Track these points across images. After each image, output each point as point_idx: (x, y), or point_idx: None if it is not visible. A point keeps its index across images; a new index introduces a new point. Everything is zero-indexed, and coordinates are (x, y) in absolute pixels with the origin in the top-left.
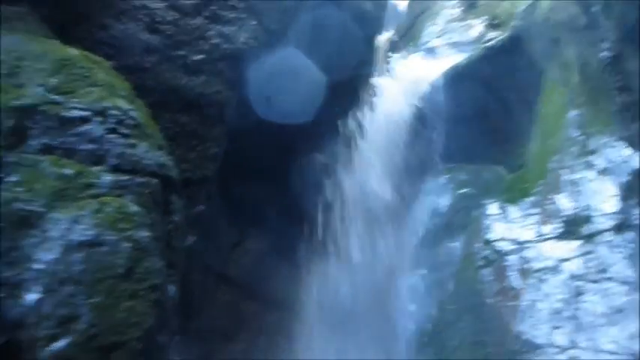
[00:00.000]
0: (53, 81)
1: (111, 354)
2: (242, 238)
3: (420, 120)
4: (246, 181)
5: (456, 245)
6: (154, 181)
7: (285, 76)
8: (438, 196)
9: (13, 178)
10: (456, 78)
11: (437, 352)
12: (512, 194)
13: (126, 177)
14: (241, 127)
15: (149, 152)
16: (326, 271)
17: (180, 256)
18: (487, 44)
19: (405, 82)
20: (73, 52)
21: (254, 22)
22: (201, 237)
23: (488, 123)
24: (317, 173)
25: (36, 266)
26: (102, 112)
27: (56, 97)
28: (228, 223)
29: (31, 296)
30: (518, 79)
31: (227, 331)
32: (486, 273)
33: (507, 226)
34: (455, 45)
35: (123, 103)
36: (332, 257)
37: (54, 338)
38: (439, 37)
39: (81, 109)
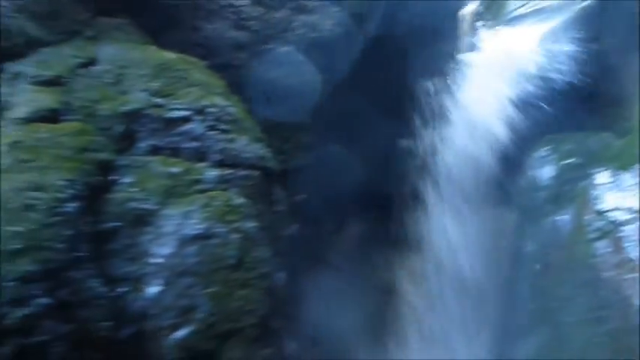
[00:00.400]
0: (155, 85)
1: (228, 341)
2: (341, 225)
3: (516, 91)
4: (344, 168)
5: (564, 218)
6: (256, 173)
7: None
8: (541, 168)
9: (127, 180)
10: (551, 44)
11: (552, 330)
12: (623, 161)
13: (229, 171)
14: (334, 115)
15: (248, 146)
16: (427, 256)
17: (286, 244)
18: (581, 5)
19: (493, 54)
20: (170, 55)
21: (337, 9)
22: (303, 225)
23: (589, 87)
24: (407, 158)
25: (154, 261)
26: (201, 111)
27: (159, 99)
28: (327, 211)
29: (152, 289)
30: (618, 38)
31: (333, 318)
32: (601, 246)
33: (621, 194)
34: (544, 10)
35: (220, 100)
36: (430, 242)
37: (176, 327)
38: (527, 3)
39: (182, 109)
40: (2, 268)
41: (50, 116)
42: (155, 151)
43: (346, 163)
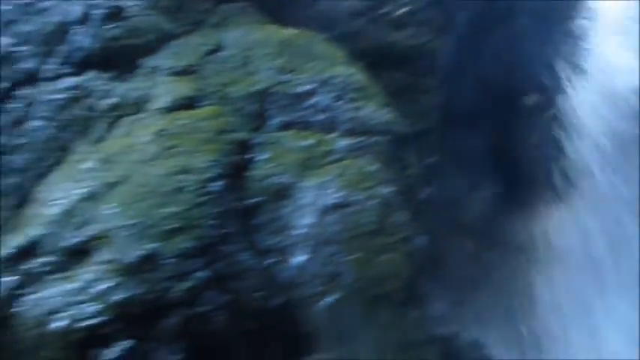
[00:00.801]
0: (279, 62)
1: (375, 305)
2: (474, 186)
3: None
4: (472, 129)
5: None
6: (386, 138)
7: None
8: None
9: (263, 156)
10: None
11: None
12: None
13: (359, 139)
14: (457, 74)
15: (376, 112)
16: (567, 214)
17: (421, 208)
18: None
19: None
20: (291, 32)
21: None
22: (435, 188)
23: None
24: (539, 113)
25: (297, 232)
26: (326, 82)
27: (284, 76)
28: (459, 173)
29: (298, 259)
30: None
31: (472, 280)
32: None
33: None
34: None
35: (343, 70)
36: (572, 199)
37: (324, 294)
38: None
39: (307, 83)
40: (163, 246)
41: (187, 103)
42: (286, 126)
43: (475, 122)
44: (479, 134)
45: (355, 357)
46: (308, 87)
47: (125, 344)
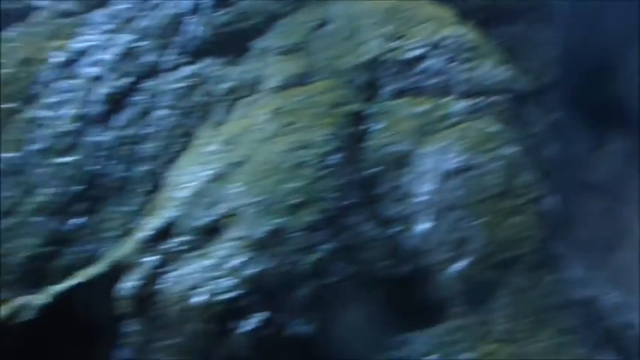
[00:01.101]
0: (387, 30)
1: (509, 269)
2: (601, 141)
3: None
4: (595, 81)
5: None
6: (506, 97)
7: None
8: None
9: (378, 126)
10: None
11: None
12: None
13: (477, 100)
14: (575, 24)
15: (492, 70)
16: None
17: (549, 167)
18: None
19: None
20: None
21: None
22: (561, 145)
23: None
24: None
25: (418, 199)
26: (437, 45)
27: (393, 43)
28: (585, 128)
29: (422, 226)
30: None
31: (608, 240)
32: None
33: None
34: None
35: (453, 31)
36: None
37: (452, 261)
38: None
39: (417, 47)
40: (289, 221)
41: (300, 80)
42: (399, 94)
43: (598, 74)
44: (602, 87)
45: (489, 323)
46: (418, 52)
47: (260, 316)
